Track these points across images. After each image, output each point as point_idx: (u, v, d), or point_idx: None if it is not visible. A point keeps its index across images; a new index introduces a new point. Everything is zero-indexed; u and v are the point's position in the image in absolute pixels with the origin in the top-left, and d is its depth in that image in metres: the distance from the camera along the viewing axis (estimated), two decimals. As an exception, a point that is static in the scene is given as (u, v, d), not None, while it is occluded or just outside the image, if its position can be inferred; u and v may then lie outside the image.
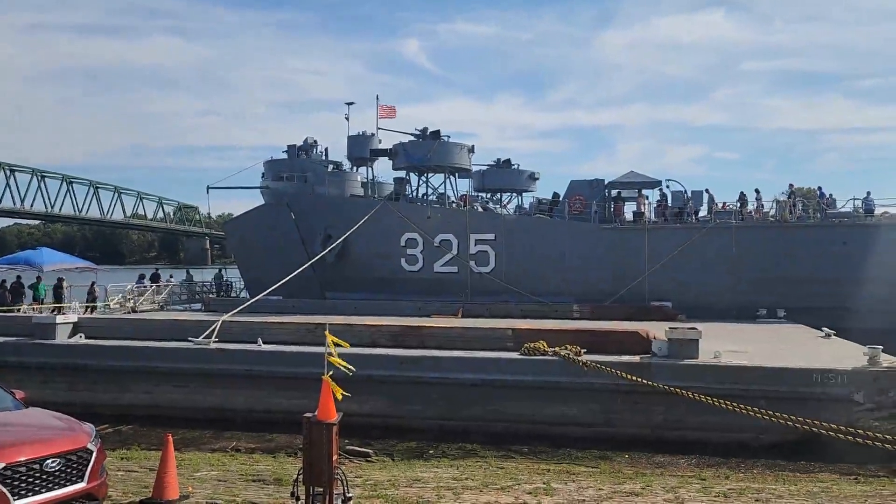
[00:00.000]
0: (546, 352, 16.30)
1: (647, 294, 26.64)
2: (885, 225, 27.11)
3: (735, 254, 26.47)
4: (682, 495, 8.87)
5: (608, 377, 15.16)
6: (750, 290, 25.75)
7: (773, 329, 22.41)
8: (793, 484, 10.45)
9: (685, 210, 28.38)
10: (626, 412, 15.53)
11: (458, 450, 14.65)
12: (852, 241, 26.16)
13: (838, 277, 25.35)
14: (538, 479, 10.55)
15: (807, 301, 24.69)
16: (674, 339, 15.81)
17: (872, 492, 9.38)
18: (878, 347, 15.17)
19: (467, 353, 16.90)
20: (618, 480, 10.74)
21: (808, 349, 18.04)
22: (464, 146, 30.86)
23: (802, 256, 26.04)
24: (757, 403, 13.94)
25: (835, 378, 14.60)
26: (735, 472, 12.65)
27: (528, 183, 33.82)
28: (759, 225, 27.58)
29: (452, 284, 28.80)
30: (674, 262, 26.70)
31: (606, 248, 27.69)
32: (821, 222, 27.55)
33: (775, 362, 15.55)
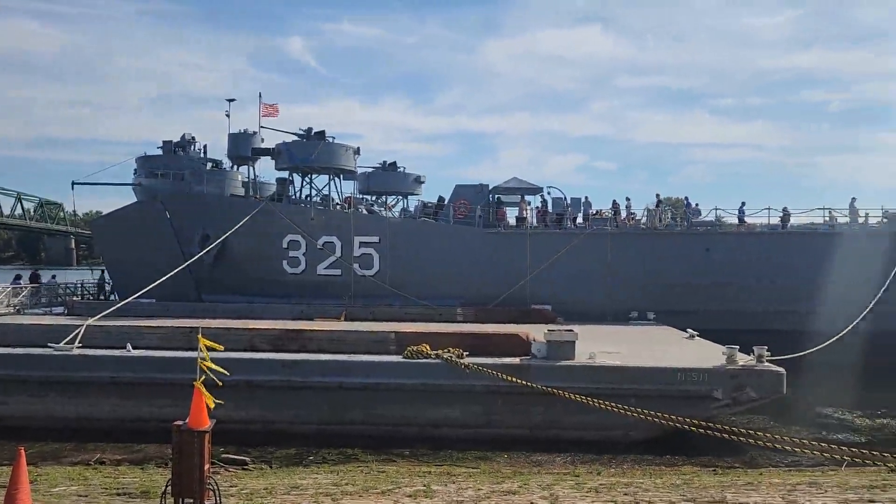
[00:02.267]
0: (429, 355, 16.39)
1: (528, 297, 27.34)
2: (743, 233, 29.32)
3: (609, 259, 27.67)
4: (556, 492, 9.14)
5: (489, 379, 15.44)
6: (623, 294, 26.97)
7: (643, 331, 23.57)
8: (658, 477, 11.02)
9: (565, 216, 29.38)
10: (506, 413, 15.87)
11: (338, 455, 14.47)
12: (714, 248, 27.99)
13: (702, 282, 27.06)
14: (419, 482, 10.57)
15: (674, 304, 26.16)
16: (552, 341, 16.31)
17: (729, 482, 10.03)
18: (735, 347, 16.29)
19: (350, 356, 16.72)
20: (496, 480, 10.93)
21: (674, 350, 19.11)
22: (349, 147, 30.56)
23: (670, 262, 27.56)
24: (628, 402, 14.63)
25: (696, 376, 15.57)
26: (607, 468, 13.21)
27: (414, 186, 33.95)
28: (632, 232, 28.97)
29: (336, 287, 28.44)
30: (554, 266, 27.56)
31: (490, 253, 28.21)
32: (686, 230, 29.32)
33: (644, 362, 16.38)
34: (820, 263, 27.06)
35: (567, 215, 29.38)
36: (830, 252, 27.40)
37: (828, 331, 21.08)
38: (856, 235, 28.27)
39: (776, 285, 27.02)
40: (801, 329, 22.02)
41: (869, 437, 16.76)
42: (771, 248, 28.03)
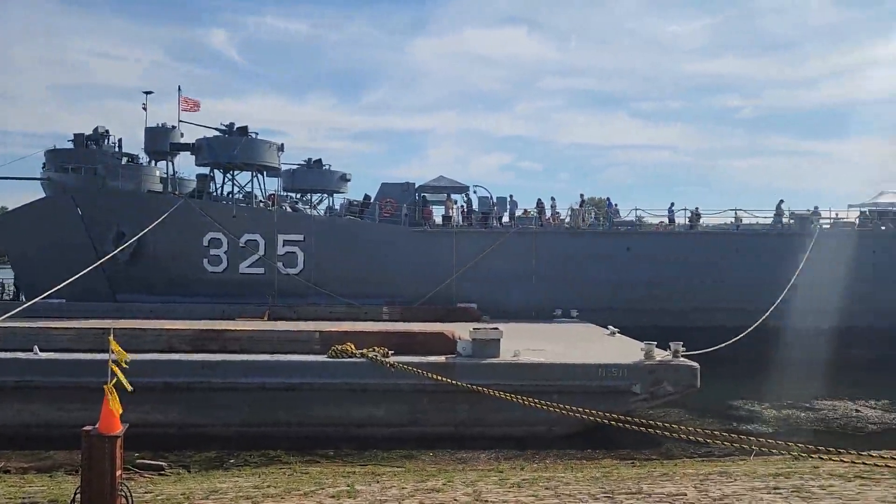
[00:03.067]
0: (354, 354, 16.25)
1: (454, 296, 27.48)
2: (663, 233, 30.36)
3: (534, 258, 28.11)
4: (480, 488, 9.21)
5: (414, 378, 15.43)
6: (547, 292, 27.43)
7: (567, 328, 24.05)
8: (579, 471, 11.27)
9: (491, 215, 29.67)
10: (431, 411, 15.90)
11: (260, 457, 14.18)
12: (635, 247, 28.83)
13: (623, 280, 27.83)
14: (342, 482, 10.46)
15: (597, 302, 26.79)
16: (477, 339, 16.44)
17: (645, 473, 10.34)
18: (653, 343, 16.81)
19: (272, 356, 16.40)
20: (421, 478, 10.94)
21: (596, 346, 19.58)
22: (273, 144, 29.95)
23: (592, 260, 28.22)
24: (551, 398, 14.84)
25: (616, 371, 15.99)
26: (530, 463, 13.43)
27: (340, 184, 33.57)
28: (556, 231, 29.52)
29: (259, 286, 27.84)
30: (479, 265, 27.80)
31: (416, 251, 28.20)
32: (608, 230, 30.10)
33: (567, 359, 16.72)
34: (734, 262, 28.30)
35: (493, 214, 29.67)
36: (743, 251, 28.70)
37: (741, 326, 22.02)
38: (768, 235, 29.70)
39: (693, 283, 28.04)
40: (716, 325, 22.88)
41: (775, 428, 17.62)
42: (689, 248, 29.07)
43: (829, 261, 27.54)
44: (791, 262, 26.93)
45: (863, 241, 29.19)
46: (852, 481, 8.52)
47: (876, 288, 28.12)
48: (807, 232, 28.90)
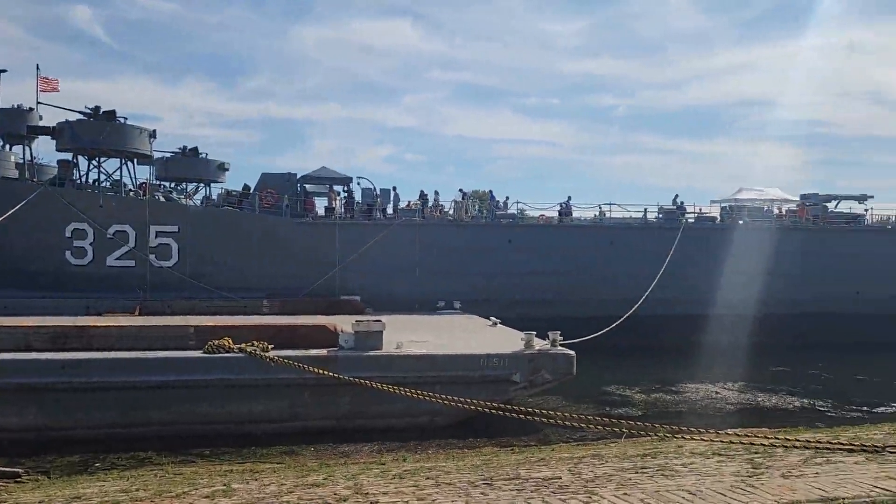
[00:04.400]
0: (231, 349, 15.72)
1: (337, 288, 27.16)
2: (543, 226, 31.32)
3: (418, 250, 28.24)
4: (361, 481, 9.14)
5: (295, 372, 15.12)
6: (430, 284, 27.64)
7: (449, 319, 24.33)
8: (460, 460, 11.42)
9: (374, 207, 29.53)
10: (313, 405, 15.65)
11: (130, 459, 13.46)
12: (516, 239, 29.57)
13: (505, 272, 28.47)
14: (218, 481, 10.08)
15: (479, 293, 27.28)
16: (359, 331, 16.32)
17: (523, 459, 10.62)
18: (532, 333, 17.30)
19: (143, 353, 15.57)
20: (301, 473, 10.72)
21: (478, 337, 19.92)
22: (143, 130, 28.39)
23: (475, 253, 28.69)
24: (434, 388, 14.99)
25: (497, 361, 16.34)
26: (412, 454, 13.46)
27: (217, 173, 32.35)
28: (439, 223, 29.79)
29: (129, 280, 26.38)
30: (363, 257, 27.61)
31: (297, 243, 27.65)
32: (491, 222, 30.71)
33: (449, 350, 16.91)
34: (609, 254, 29.60)
35: (376, 206, 29.55)
36: (618, 244, 30.08)
37: (616, 316, 23.07)
38: (641, 229, 31.27)
39: (572, 275, 29.07)
40: (593, 315, 23.86)
41: (644, 411, 18.62)
42: (568, 240, 30.12)
43: (696, 253, 29.38)
44: (661, 254, 28.47)
45: (725, 235, 31.32)
46: (711, 458, 9.10)
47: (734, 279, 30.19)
48: (674, 226, 30.66)
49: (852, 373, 24.18)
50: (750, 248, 30.65)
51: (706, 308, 28.95)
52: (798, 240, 31.43)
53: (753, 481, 7.36)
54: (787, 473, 7.73)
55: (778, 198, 37.46)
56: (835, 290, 30.19)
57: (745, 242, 31.17)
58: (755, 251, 29.84)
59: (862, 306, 30.30)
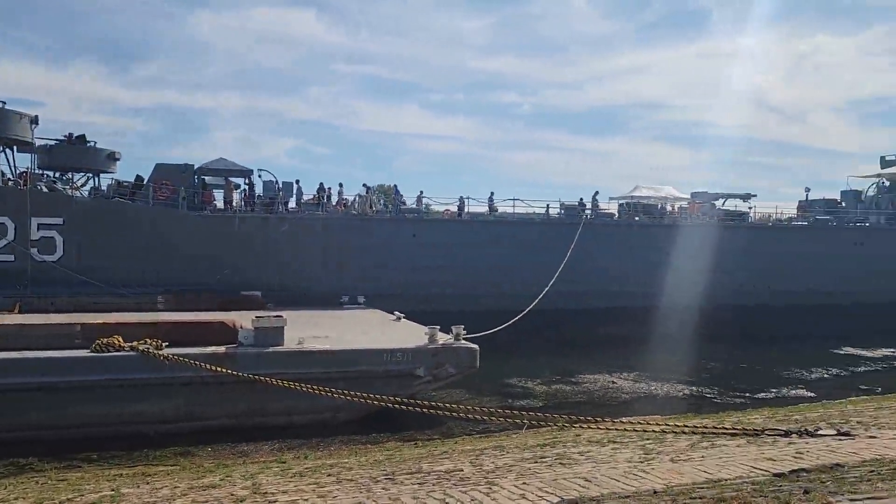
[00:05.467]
0: (122, 347, 14.97)
1: (237, 284, 26.35)
2: (448, 220, 31.50)
3: (321, 245, 27.79)
4: (260, 481, 8.90)
5: (191, 370, 14.58)
6: (334, 279, 27.28)
7: (353, 314, 24.11)
8: (363, 455, 11.33)
9: (276, 200, 28.83)
10: (210, 404, 15.15)
11: (8, 467, 12.60)
12: (421, 234, 29.59)
13: (409, 266, 28.44)
14: (106, 487, 9.57)
15: (383, 288, 27.12)
16: (259, 327, 15.92)
17: (426, 453, 10.65)
18: (436, 327, 17.37)
19: (23, 353, 14.59)
20: (197, 475, 10.34)
21: (382, 332, 19.84)
22: (24, 115, 26.53)
23: (380, 247, 28.51)
24: (336, 384, 14.78)
25: (401, 356, 16.32)
26: (314, 451, 13.26)
27: (107, 163, 30.62)
28: (343, 217, 29.44)
29: (8, 275, 24.62)
30: (264, 251, 26.91)
31: (195, 237, 26.63)
32: (395, 217, 30.62)
33: (353, 345, 16.75)
34: (513, 249, 30.07)
35: (278, 200, 28.87)
36: (521, 239, 30.64)
37: (519, 310, 23.48)
38: (543, 224, 31.97)
39: (476, 269, 29.35)
40: (496, 308, 24.19)
41: (545, 402, 19.07)
42: (472, 235, 30.40)
43: (595, 248, 30.31)
44: (562, 249, 29.17)
45: (627, 230, 32.45)
46: (606, 446, 9.40)
47: (632, 273, 31.34)
48: (575, 222, 31.50)
49: (738, 362, 25.64)
50: (651, 243, 31.91)
51: (607, 301, 29.92)
52: (699, 236, 32.88)
53: (645, 466, 7.65)
54: (676, 458, 8.08)
55: (671, 195, 39.17)
56: (734, 283, 31.77)
57: (643, 238, 32.44)
58: (656, 246, 31.15)
59: (758, 299, 32.05)
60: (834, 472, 6.70)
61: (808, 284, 33.19)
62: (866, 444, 8.19)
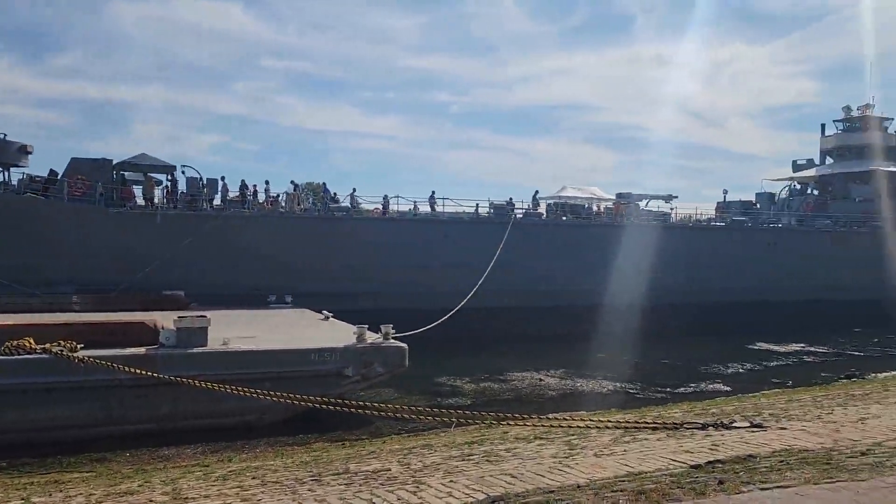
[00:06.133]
0: (34, 349, 14.26)
1: (159, 283, 25.50)
2: (375, 219, 31.36)
3: (247, 243, 27.20)
4: (181, 486, 8.64)
5: (109, 373, 14.01)
6: (261, 278, 26.75)
7: (281, 314, 23.69)
8: (290, 457, 11.15)
9: (200, 197, 28.07)
10: (129, 408, 14.61)
11: None
12: (350, 232, 29.38)
13: (340, 265, 28.15)
14: (15, 496, 9.10)
15: (312, 286, 26.75)
16: (182, 328, 15.46)
17: (354, 453, 10.56)
18: (365, 326, 17.25)
19: (-77, 357, 13.73)
20: (114, 482, 9.96)
21: (310, 331, 19.58)
22: (-72, 105, 25.08)
23: (308, 246, 28.10)
24: (262, 385, 14.49)
25: (329, 356, 16.14)
26: (240, 454, 12.96)
27: (18, 157, 29.05)
28: (270, 215, 28.91)
29: None
30: (188, 250, 26.14)
31: (114, 235, 25.65)
32: (324, 215, 30.26)
33: (279, 345, 16.46)
34: (444, 247, 30.18)
35: (202, 197, 28.12)
36: (453, 237, 30.78)
37: (447, 308, 23.57)
38: (472, 223, 32.20)
39: (407, 267, 29.30)
40: (426, 307, 24.21)
41: (474, 400, 19.21)
42: (403, 233, 30.36)
43: (524, 247, 30.74)
44: (491, 248, 29.43)
45: (555, 230, 33.00)
46: (532, 442, 9.53)
47: (560, 272, 31.93)
48: (504, 221, 31.85)
49: (659, 358, 26.44)
50: (577, 243, 32.58)
51: (536, 300, 30.39)
52: (625, 236, 33.73)
53: (569, 461, 7.79)
54: (599, 452, 8.26)
55: (597, 196, 40.11)
56: (658, 281, 32.68)
57: (569, 238, 33.08)
58: (583, 245, 31.83)
59: (679, 297, 33.12)
60: (747, 462, 6.98)
61: (724, 283, 34.59)
62: (777, 436, 8.57)
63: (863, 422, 9.46)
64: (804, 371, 24.75)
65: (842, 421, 9.61)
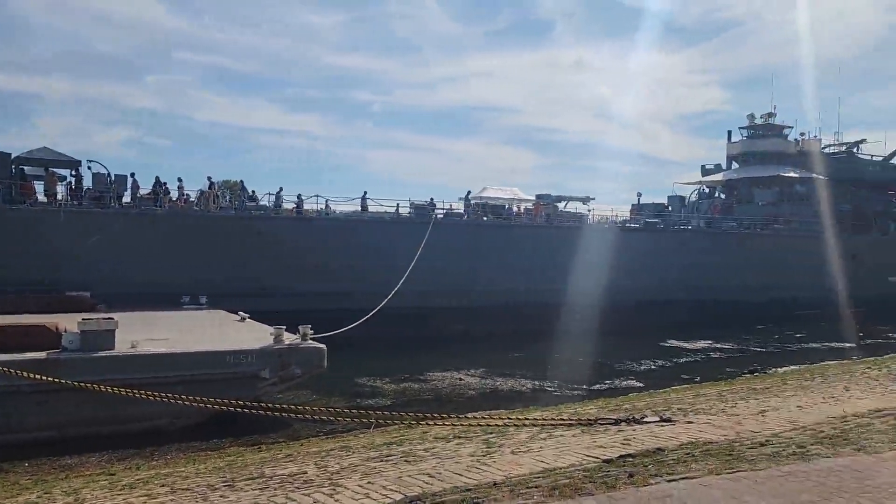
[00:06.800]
0: (-79, 355, 13.32)
1: (63, 283, 24.26)
2: (294, 218, 30.81)
3: (160, 242, 26.24)
4: (83, 496, 8.24)
5: (5, 378, 13.21)
6: (174, 278, 25.86)
7: (195, 315, 22.97)
8: (202, 463, 10.80)
9: (108, 194, 26.90)
10: (28, 415, 13.85)
11: None
12: (268, 232, 28.76)
13: (257, 265, 27.53)
14: None
15: (228, 287, 26.04)
16: (87, 331, 14.77)
17: (270, 457, 10.33)
18: (282, 327, 16.92)
19: None
20: (11, 493, 9.40)
21: (225, 333, 19.05)
22: None
23: (223, 245, 27.36)
24: (175, 389, 13.98)
25: (245, 357, 15.75)
26: (149, 462, 12.48)
27: None
28: (183, 213, 28.00)
29: None
30: (94, 249, 25.00)
31: (13, 233, 24.25)
32: (241, 214, 29.53)
33: (193, 347, 15.96)
34: (363, 248, 29.93)
35: (111, 193, 26.95)
36: (375, 237, 30.59)
37: (368, 308, 23.36)
38: (394, 223, 32.11)
39: (325, 267, 28.91)
40: (347, 307, 23.95)
41: (394, 400, 19.13)
42: (321, 233, 29.95)
43: (446, 247, 30.86)
44: (413, 248, 29.40)
45: (475, 230, 33.25)
46: (451, 441, 9.56)
47: (482, 271, 32.18)
48: (425, 221, 31.90)
49: (577, 355, 27.01)
50: (498, 243, 32.95)
51: (458, 300, 30.56)
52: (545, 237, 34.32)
53: (487, 460, 7.85)
54: (517, 450, 8.37)
55: (518, 197, 40.75)
56: (577, 281, 33.38)
57: (490, 239, 33.44)
58: (504, 245, 32.19)
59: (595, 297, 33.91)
60: (655, 455, 7.22)
61: (638, 283, 35.72)
62: (684, 429, 8.90)
63: (763, 414, 9.94)
64: (711, 367, 25.83)
65: (744, 414, 10.07)
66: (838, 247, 41.84)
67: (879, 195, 52.60)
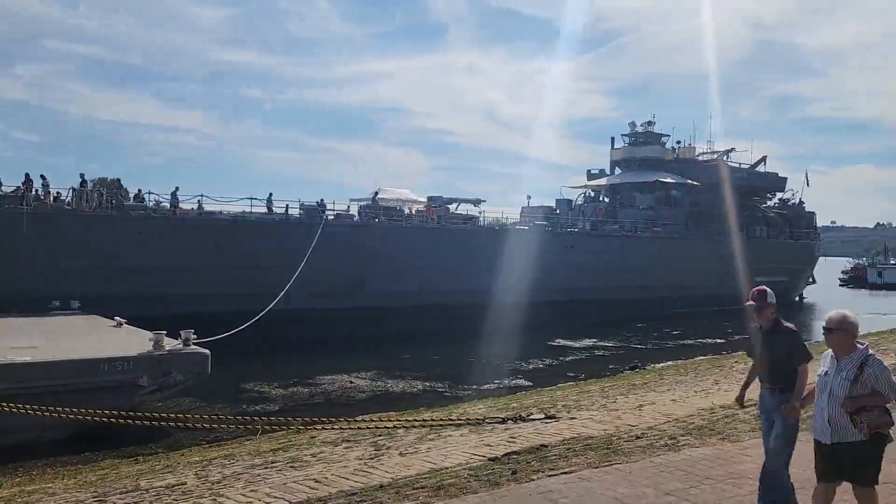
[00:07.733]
0: None
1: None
2: (177, 218, 29.52)
3: (26, 243, 24.50)
4: (-68, 520, 7.55)
5: None
6: (42, 282, 24.22)
7: (66, 321, 21.61)
8: (72, 477, 10.15)
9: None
10: None
11: None
12: (148, 233, 27.45)
13: (134, 267, 26.18)
14: None
15: (103, 291, 24.63)
16: (-59, 338, 13.55)
17: (147, 469, 9.84)
18: (162, 332, 16.18)
19: None
20: None
21: (99, 339, 18.01)
22: None
23: (98, 246, 25.88)
24: (44, 400, 13.06)
25: (121, 365, 14.95)
26: (11, 479, 11.59)
27: None
28: (53, 213, 26.28)
29: None
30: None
31: None
32: (118, 214, 28.02)
33: (62, 356, 15.00)
34: (249, 250, 29.08)
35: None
36: (262, 239, 29.79)
37: (257, 311, 22.74)
38: (282, 224, 31.41)
39: (212, 269, 27.86)
40: (235, 310, 23.20)
41: (282, 405, 18.69)
42: (207, 235, 28.86)
43: (337, 249, 30.50)
44: (303, 250, 28.85)
45: (366, 232, 33.03)
46: (339, 445, 9.45)
47: (374, 273, 31.99)
48: (315, 222, 31.39)
49: (466, 356, 27.38)
50: (389, 244, 32.85)
51: (349, 302, 30.27)
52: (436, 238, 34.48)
53: (375, 462, 7.81)
54: (405, 451, 8.37)
55: (409, 198, 40.84)
56: (470, 282, 33.73)
57: (386, 240, 33.32)
58: (394, 246, 32.16)
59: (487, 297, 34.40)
60: (539, 452, 7.40)
61: (528, 284, 36.61)
62: (567, 425, 9.19)
63: (640, 408, 10.42)
64: (595, 364, 26.82)
65: (623, 409, 10.52)
66: (708, 248, 44.67)
67: (746, 200, 56.44)
